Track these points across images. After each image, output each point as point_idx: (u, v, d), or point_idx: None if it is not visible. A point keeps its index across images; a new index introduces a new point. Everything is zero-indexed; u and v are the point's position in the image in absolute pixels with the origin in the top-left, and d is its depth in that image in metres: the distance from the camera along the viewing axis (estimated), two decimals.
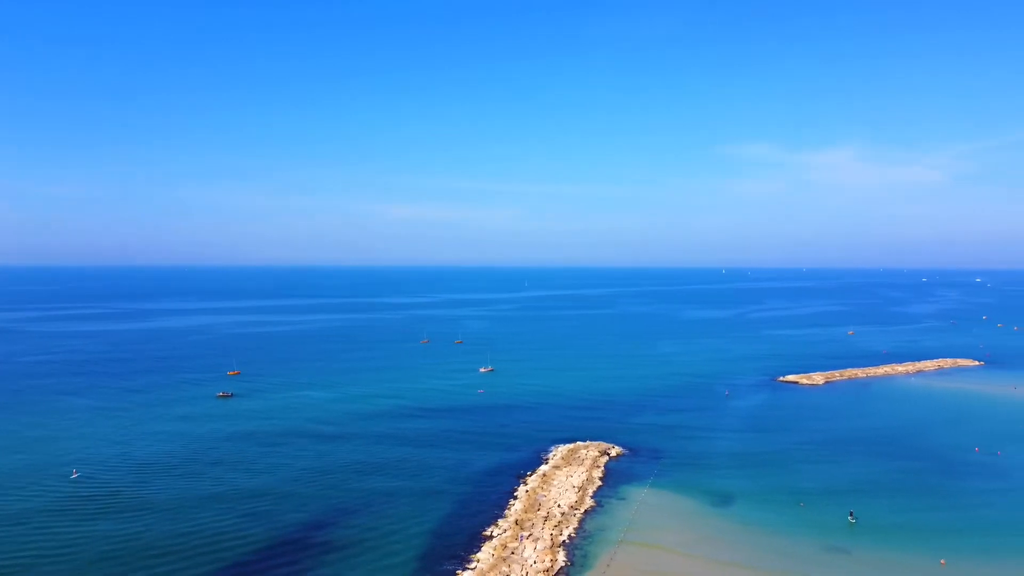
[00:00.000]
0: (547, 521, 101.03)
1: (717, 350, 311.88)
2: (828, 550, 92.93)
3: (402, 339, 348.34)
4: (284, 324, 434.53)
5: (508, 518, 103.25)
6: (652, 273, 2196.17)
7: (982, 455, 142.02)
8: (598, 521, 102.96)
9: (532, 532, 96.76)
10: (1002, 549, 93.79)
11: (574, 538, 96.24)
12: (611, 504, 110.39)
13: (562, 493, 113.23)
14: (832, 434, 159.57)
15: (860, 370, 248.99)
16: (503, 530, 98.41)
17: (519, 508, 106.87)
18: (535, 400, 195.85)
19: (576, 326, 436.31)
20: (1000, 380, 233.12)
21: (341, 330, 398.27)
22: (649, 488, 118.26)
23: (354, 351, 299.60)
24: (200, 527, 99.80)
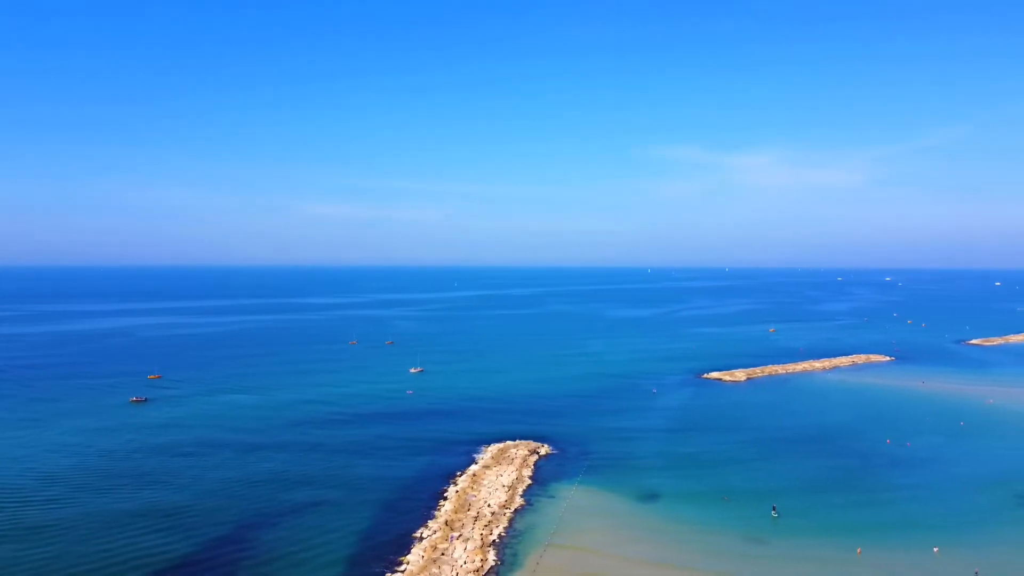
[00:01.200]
0: (477, 521, 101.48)
1: (644, 348, 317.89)
2: (751, 543, 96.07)
3: (330, 340, 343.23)
4: (207, 326, 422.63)
5: (438, 519, 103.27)
6: (581, 272, 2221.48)
7: (894, 447, 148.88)
8: (528, 520, 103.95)
9: (462, 532, 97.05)
10: (913, 537, 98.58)
11: (504, 537, 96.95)
12: (541, 502, 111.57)
13: (492, 493, 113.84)
14: (754, 429, 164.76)
15: (780, 366, 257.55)
16: (433, 531, 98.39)
17: (449, 509, 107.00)
18: (465, 400, 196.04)
19: (506, 326, 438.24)
20: (909, 375, 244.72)
21: (266, 332, 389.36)
22: (578, 486, 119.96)
23: (280, 353, 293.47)
24: (115, 549, 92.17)
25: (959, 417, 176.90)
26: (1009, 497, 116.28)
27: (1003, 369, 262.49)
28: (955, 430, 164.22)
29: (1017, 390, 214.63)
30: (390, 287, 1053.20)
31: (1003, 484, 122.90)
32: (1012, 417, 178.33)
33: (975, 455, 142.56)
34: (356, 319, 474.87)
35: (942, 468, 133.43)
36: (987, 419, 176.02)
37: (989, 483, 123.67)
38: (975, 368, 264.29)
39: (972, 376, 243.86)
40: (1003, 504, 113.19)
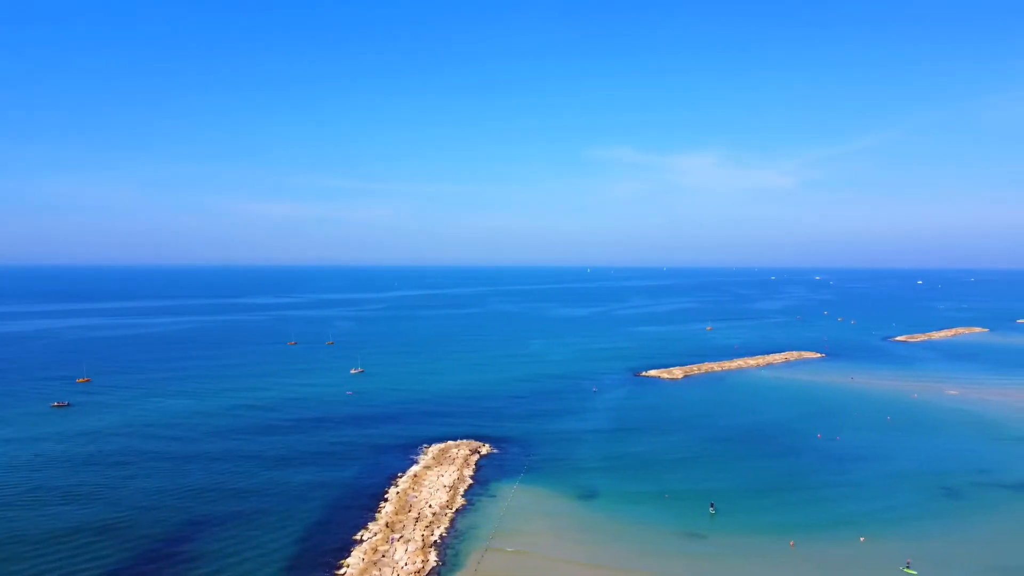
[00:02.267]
0: (418, 522, 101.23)
1: (584, 347, 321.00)
2: (690, 539, 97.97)
3: (269, 341, 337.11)
4: (140, 327, 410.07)
5: (379, 521, 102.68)
6: (523, 272, 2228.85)
7: (824, 441, 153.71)
8: (469, 520, 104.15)
9: (403, 534, 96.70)
10: (843, 528, 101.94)
11: (445, 538, 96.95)
12: (482, 502, 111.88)
13: (433, 493, 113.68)
14: (692, 426, 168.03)
15: (716, 364, 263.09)
16: (373, 533, 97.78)
17: (390, 510, 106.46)
18: (406, 400, 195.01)
19: (447, 325, 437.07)
20: (839, 371, 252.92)
21: (203, 333, 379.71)
22: (519, 485, 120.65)
23: (217, 355, 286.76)
24: (40, 573, 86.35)
25: (886, 412, 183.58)
26: (934, 489, 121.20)
27: (926, 365, 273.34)
28: (882, 424, 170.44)
29: (939, 385, 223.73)
30: (331, 287, 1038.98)
31: (928, 476, 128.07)
32: (935, 411, 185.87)
33: (901, 449, 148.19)
34: (296, 319, 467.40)
35: (870, 462, 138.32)
36: (912, 413, 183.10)
37: (915, 476, 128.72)
38: (900, 364, 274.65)
39: (898, 372, 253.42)
40: (928, 496, 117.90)
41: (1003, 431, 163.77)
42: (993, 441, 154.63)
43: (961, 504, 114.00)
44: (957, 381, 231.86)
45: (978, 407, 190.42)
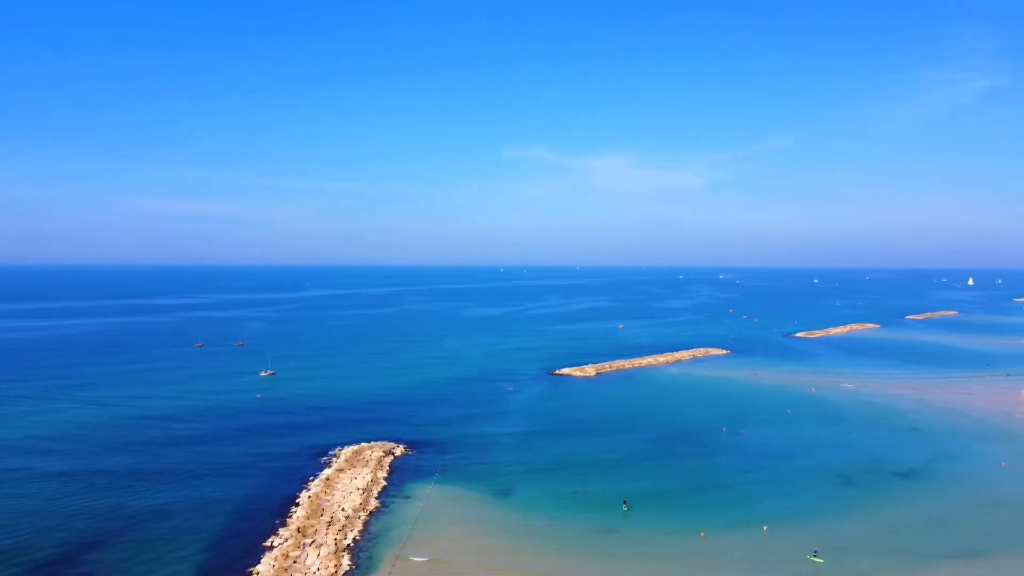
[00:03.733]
0: (331, 526, 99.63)
1: (498, 346, 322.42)
2: (604, 535, 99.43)
3: (173, 344, 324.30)
4: (32, 330, 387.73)
5: (290, 526, 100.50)
6: (438, 271, 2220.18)
7: (730, 435, 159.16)
8: (384, 522, 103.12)
9: (315, 538, 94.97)
10: (750, 519, 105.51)
11: (359, 541, 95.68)
12: (396, 504, 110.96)
13: (346, 496, 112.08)
14: (604, 423, 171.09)
15: (627, 361, 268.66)
16: (284, 539, 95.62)
17: (301, 515, 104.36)
18: (318, 402, 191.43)
19: (361, 325, 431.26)
20: (743, 366, 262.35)
21: (102, 336, 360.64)
22: (434, 485, 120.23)
23: (116, 360, 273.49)
24: None
25: (787, 405, 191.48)
26: (832, 478, 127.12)
27: (824, 360, 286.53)
28: (784, 417, 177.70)
29: (836, 379, 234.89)
30: (240, 287, 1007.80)
31: (826, 466, 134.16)
32: (832, 404, 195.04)
33: (801, 440, 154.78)
34: (203, 321, 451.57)
35: (773, 453, 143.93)
36: (811, 406, 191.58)
37: (814, 466, 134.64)
38: (800, 359, 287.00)
39: (798, 367, 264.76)
40: (827, 485, 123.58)
41: (894, 422, 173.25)
42: (885, 431, 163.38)
43: (857, 492, 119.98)
44: (852, 375, 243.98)
45: (871, 399, 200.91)
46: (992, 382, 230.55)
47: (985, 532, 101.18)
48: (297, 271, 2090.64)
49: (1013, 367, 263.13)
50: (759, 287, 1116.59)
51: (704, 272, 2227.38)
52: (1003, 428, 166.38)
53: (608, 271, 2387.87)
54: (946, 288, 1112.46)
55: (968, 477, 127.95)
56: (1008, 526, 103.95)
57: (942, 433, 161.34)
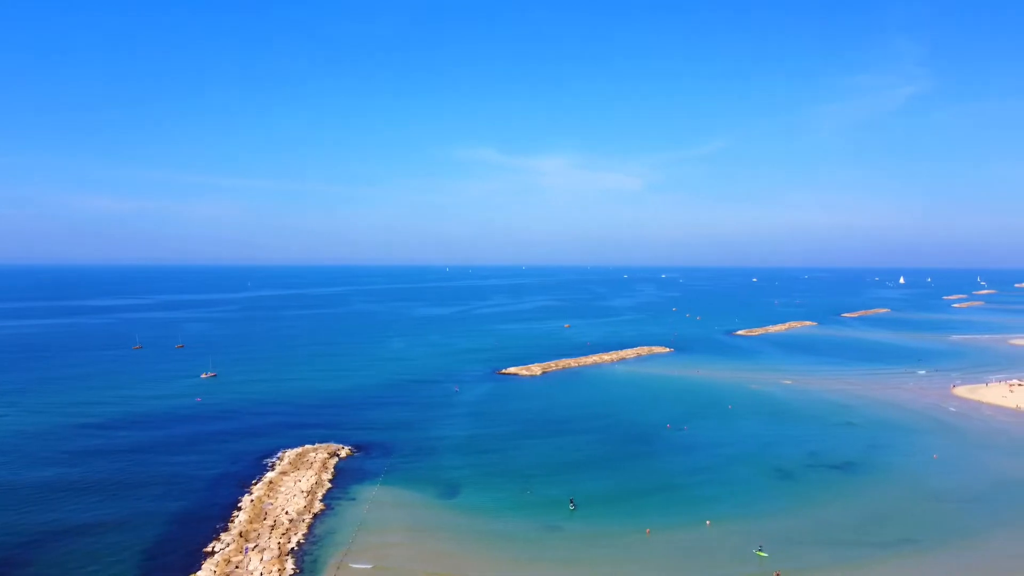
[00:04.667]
0: (274, 530, 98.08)
1: (445, 346, 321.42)
2: (550, 533, 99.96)
3: (109, 346, 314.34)
4: None
5: (231, 531, 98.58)
6: (384, 271, 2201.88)
7: (673, 431, 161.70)
8: (329, 524, 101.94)
9: (258, 543, 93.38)
10: (694, 514, 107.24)
11: (304, 544, 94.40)
12: (342, 506, 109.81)
13: (290, 499, 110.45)
14: (549, 421, 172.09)
15: (573, 360, 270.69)
16: (226, 544, 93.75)
17: (244, 519, 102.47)
18: (261, 405, 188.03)
19: (306, 326, 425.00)
20: (686, 364, 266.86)
21: (30, 338, 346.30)
22: (380, 486, 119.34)
23: (47, 364, 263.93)
24: None
25: (728, 401, 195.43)
26: (771, 472, 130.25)
27: (764, 356, 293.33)
28: (725, 413, 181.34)
29: (775, 375, 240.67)
30: (180, 287, 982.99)
31: (766, 460, 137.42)
32: (771, 399, 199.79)
33: (742, 436, 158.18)
34: (141, 322, 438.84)
35: (715, 449, 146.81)
36: (751, 402, 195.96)
37: (754, 460, 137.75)
38: (741, 356, 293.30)
39: (739, 363, 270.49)
40: (766, 478, 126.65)
41: (831, 416, 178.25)
42: (822, 426, 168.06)
43: (795, 485, 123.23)
44: (791, 371, 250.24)
45: (809, 395, 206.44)
46: (923, 377, 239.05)
47: (916, 522, 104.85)
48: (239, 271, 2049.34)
49: (943, 362, 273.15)
50: (701, 286, 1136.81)
51: (648, 271, 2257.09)
52: (934, 421, 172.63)
53: (554, 270, 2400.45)
54: (879, 286, 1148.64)
55: (901, 469, 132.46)
56: (937, 516, 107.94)
57: (876, 427, 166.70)
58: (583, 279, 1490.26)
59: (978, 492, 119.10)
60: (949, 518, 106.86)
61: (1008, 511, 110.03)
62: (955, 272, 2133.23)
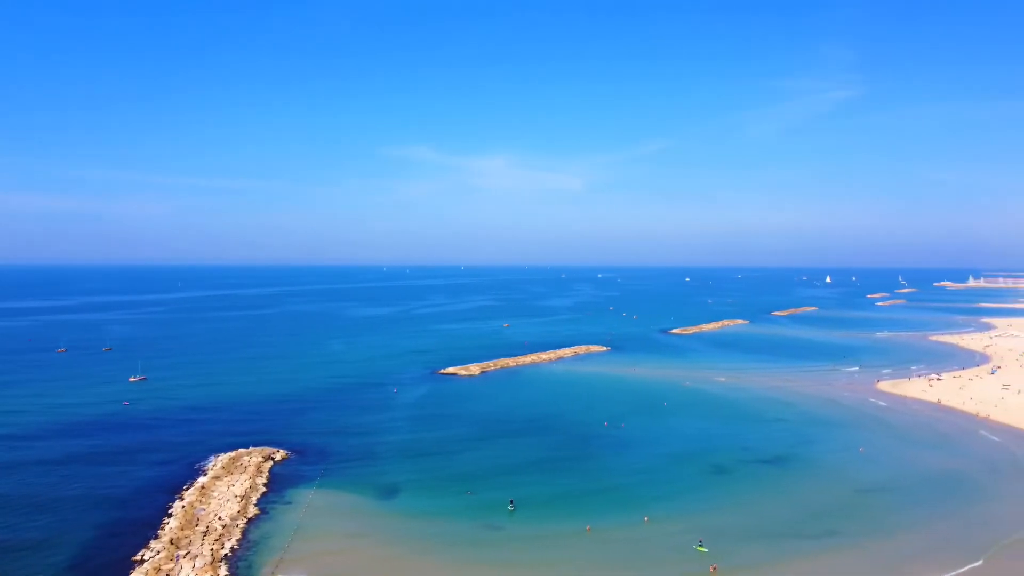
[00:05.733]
0: (207, 536, 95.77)
1: (383, 347, 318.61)
2: (491, 532, 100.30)
3: (32, 349, 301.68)
4: None
5: (162, 538, 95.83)
6: (318, 271, 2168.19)
7: (610, 428, 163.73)
8: (263, 529, 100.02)
9: (190, 550, 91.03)
10: (632, 510, 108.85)
11: (237, 550, 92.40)
12: (277, 510, 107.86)
13: (223, 505, 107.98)
14: (489, 421, 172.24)
15: (511, 359, 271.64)
16: (156, 552, 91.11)
17: (175, 526, 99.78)
18: (193, 408, 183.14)
19: (239, 327, 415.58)
20: (622, 362, 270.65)
21: None
22: (316, 489, 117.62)
23: None
24: None
25: (663, 399, 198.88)
26: (705, 467, 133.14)
27: (698, 354, 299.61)
28: (660, 410, 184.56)
29: (709, 372, 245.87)
30: (107, 288, 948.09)
31: (700, 456, 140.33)
32: (705, 396, 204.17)
33: (677, 432, 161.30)
34: (65, 324, 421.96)
35: (651, 445, 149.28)
36: (685, 399, 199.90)
37: (689, 456, 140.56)
38: (676, 354, 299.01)
39: (673, 361, 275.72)
40: (701, 474, 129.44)
41: (762, 412, 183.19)
42: (754, 421, 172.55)
43: (729, 479, 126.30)
44: (724, 368, 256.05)
45: (741, 391, 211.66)
46: (850, 373, 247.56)
47: (843, 514, 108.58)
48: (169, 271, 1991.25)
49: (868, 358, 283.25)
50: (638, 286, 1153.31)
51: (586, 271, 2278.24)
52: (860, 416, 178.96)
53: (493, 270, 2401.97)
54: (807, 285, 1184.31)
55: (829, 463, 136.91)
56: (863, 508, 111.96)
57: (805, 422, 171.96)
58: (522, 279, 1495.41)
59: (901, 484, 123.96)
60: (874, 510, 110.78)
61: (930, 502, 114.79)
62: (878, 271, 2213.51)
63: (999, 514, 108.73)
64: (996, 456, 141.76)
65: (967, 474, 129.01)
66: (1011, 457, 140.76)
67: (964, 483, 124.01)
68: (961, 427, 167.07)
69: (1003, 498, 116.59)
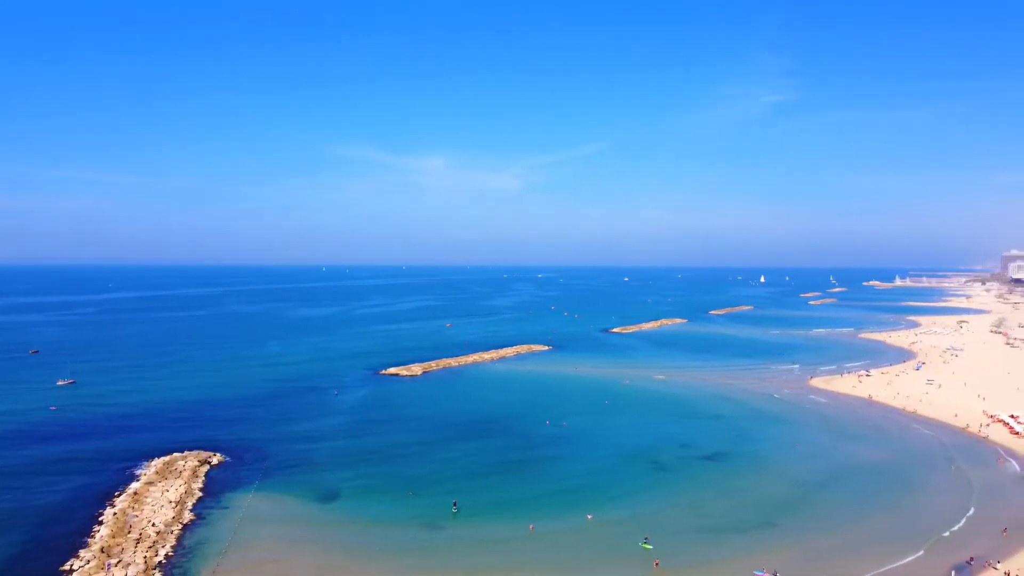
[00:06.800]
0: (140, 543, 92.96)
1: (324, 347, 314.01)
2: (433, 533, 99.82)
3: None
4: None
5: (92, 547, 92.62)
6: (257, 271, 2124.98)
7: (552, 427, 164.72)
8: (199, 535, 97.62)
9: (122, 558, 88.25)
10: (575, 508, 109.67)
11: (172, 557, 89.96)
12: (213, 515, 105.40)
13: (157, 511, 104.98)
14: (431, 421, 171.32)
15: (454, 359, 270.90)
16: (86, 561, 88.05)
17: (106, 534, 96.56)
18: (125, 412, 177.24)
19: (175, 329, 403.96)
20: (564, 362, 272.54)
21: None
22: (255, 493, 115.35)
23: None
24: None
25: (605, 397, 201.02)
26: (646, 464, 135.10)
27: (638, 353, 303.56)
28: (602, 408, 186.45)
29: (649, 371, 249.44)
30: (34, 288, 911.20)
31: (641, 454, 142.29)
32: (645, 394, 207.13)
33: (618, 430, 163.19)
34: None
35: (593, 444, 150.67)
36: (626, 397, 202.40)
37: (630, 454, 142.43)
38: (616, 353, 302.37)
39: (614, 360, 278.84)
40: (641, 471, 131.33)
41: (700, 409, 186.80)
42: (692, 418, 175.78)
43: (669, 476, 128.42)
44: (663, 367, 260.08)
45: (680, 389, 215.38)
46: (784, 370, 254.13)
47: (782, 507, 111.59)
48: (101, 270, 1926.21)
49: (802, 356, 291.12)
50: (579, 285, 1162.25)
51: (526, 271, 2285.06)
52: (795, 412, 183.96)
53: (435, 270, 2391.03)
54: (742, 285, 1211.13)
55: (765, 457, 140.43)
56: (797, 500, 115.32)
57: (743, 418, 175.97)
58: (464, 279, 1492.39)
59: (839, 478, 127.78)
60: (813, 503, 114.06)
61: (868, 495, 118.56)
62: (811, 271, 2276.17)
63: (936, 506, 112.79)
64: (928, 449, 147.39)
65: (902, 467, 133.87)
66: (943, 450, 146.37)
67: (900, 476, 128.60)
68: (892, 421, 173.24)
69: (939, 491, 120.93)
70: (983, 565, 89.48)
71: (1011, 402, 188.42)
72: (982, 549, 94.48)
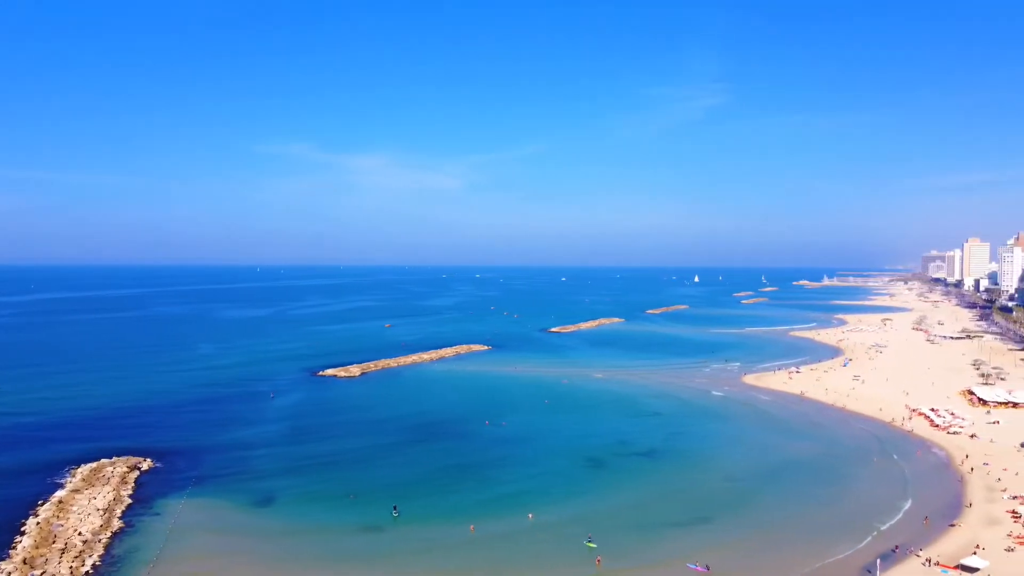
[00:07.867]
0: (65, 553, 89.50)
1: (258, 349, 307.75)
2: (373, 536, 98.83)
3: None
4: None
5: (14, 558, 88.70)
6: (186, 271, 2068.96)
7: (492, 427, 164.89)
8: (129, 543, 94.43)
9: (46, 569, 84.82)
10: (515, 507, 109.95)
11: (99, 567, 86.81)
12: (143, 522, 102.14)
13: (84, 519, 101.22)
14: (370, 423, 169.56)
15: (392, 360, 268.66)
16: (7, 573, 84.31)
17: (29, 544, 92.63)
18: (49, 418, 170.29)
19: (101, 331, 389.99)
20: (503, 361, 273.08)
21: None
22: (187, 499, 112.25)
23: None
24: None
25: (544, 396, 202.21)
26: (584, 462, 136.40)
27: (576, 352, 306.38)
28: (542, 408, 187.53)
29: (587, 369, 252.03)
30: None
31: (580, 451, 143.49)
32: (584, 393, 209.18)
33: (557, 429, 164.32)
34: None
35: (533, 442, 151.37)
36: (564, 396, 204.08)
37: (569, 452, 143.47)
38: (555, 352, 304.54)
39: (553, 359, 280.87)
40: (580, 469, 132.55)
41: (638, 406, 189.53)
42: (629, 416, 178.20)
43: (607, 473, 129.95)
44: (601, 365, 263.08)
45: (618, 387, 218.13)
46: (718, 368, 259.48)
47: (712, 501, 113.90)
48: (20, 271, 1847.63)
49: (734, 353, 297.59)
50: (519, 285, 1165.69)
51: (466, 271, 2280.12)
52: (729, 407, 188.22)
53: (373, 270, 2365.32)
54: (677, 284, 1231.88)
55: (700, 453, 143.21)
56: (731, 495, 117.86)
57: (680, 415, 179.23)
58: (402, 279, 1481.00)
59: (775, 472, 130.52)
60: (750, 498, 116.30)
61: (805, 489, 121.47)
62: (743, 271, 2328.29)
63: (873, 500, 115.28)
64: (861, 444, 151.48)
65: (837, 461, 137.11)
66: (876, 444, 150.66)
67: (835, 470, 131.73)
68: (824, 416, 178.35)
69: (875, 484, 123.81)
70: (906, 553, 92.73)
71: (931, 396, 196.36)
72: (906, 538, 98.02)
